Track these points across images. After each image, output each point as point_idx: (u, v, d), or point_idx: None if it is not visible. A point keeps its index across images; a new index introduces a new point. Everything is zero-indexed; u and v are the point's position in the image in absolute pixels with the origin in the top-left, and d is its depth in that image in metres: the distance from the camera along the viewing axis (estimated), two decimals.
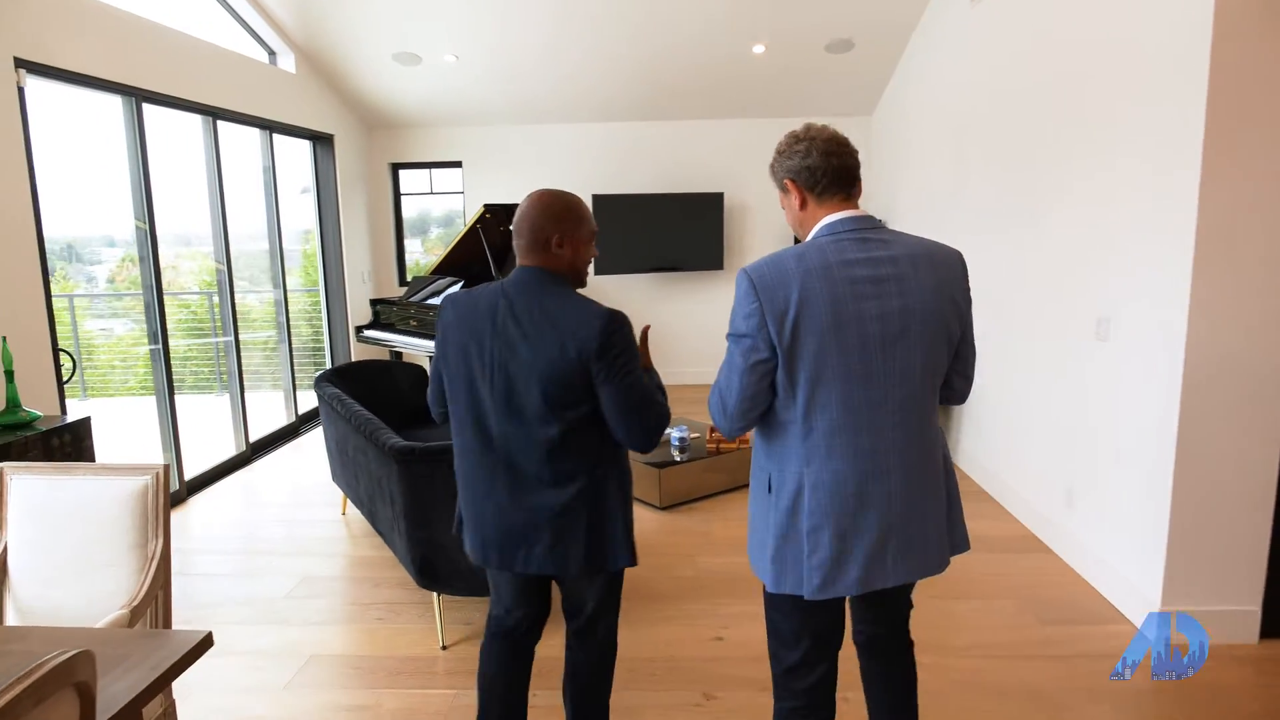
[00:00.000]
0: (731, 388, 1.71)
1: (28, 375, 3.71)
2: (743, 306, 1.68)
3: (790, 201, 1.82)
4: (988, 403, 4.74)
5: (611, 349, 1.85)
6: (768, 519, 1.76)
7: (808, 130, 1.80)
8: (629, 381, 1.87)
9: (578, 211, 1.98)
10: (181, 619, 3.41)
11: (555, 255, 1.94)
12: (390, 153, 7.69)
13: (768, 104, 7.12)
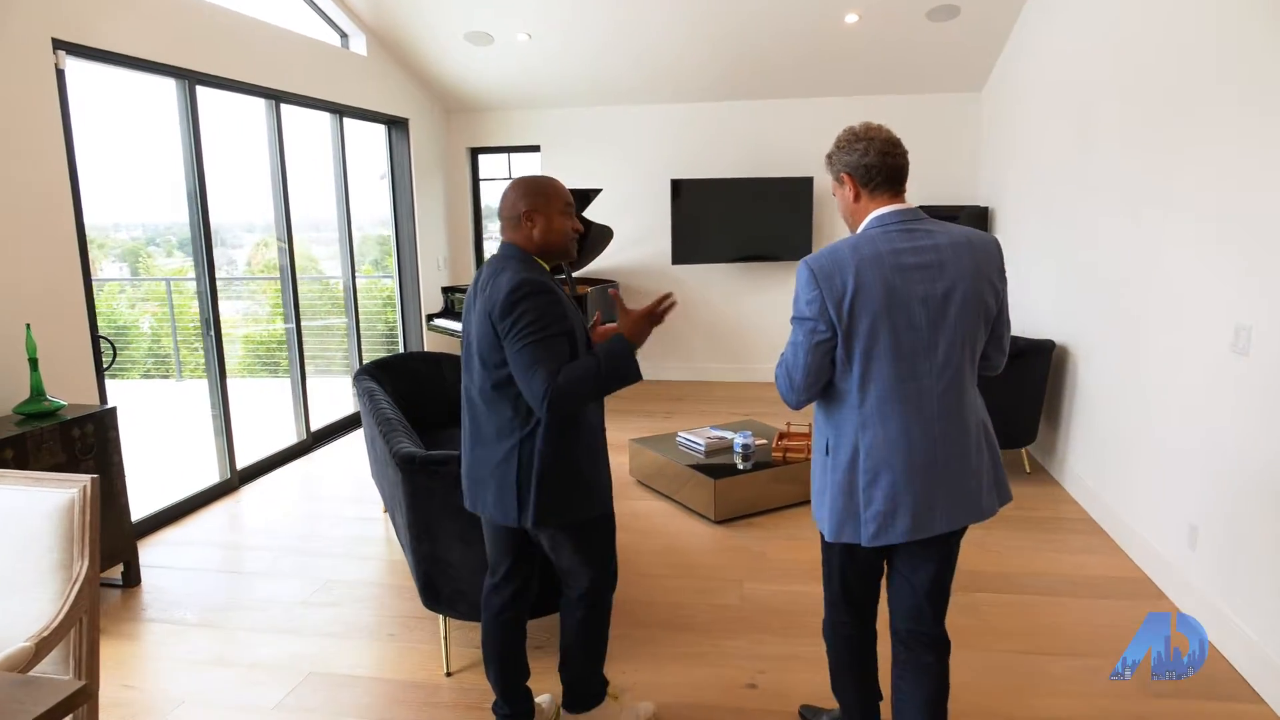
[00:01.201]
0: (798, 365, 1.92)
1: (64, 363, 3.65)
2: (805, 293, 1.89)
3: (844, 193, 2.02)
4: (1101, 416, 4.11)
5: (510, 313, 2.02)
6: (826, 477, 1.99)
7: (866, 130, 2.00)
8: (518, 346, 2.02)
9: (547, 189, 2.17)
10: (195, 619, 3.28)
11: (526, 230, 2.15)
12: (468, 137, 7.52)
13: (863, 80, 6.54)
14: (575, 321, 2.14)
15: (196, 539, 4.10)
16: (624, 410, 6.43)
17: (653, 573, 3.61)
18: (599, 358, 2.07)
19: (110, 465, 3.45)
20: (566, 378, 2.01)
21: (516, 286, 2.02)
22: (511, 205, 2.14)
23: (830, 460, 1.97)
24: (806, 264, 1.89)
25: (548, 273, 2.16)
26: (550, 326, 2.02)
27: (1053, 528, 4.03)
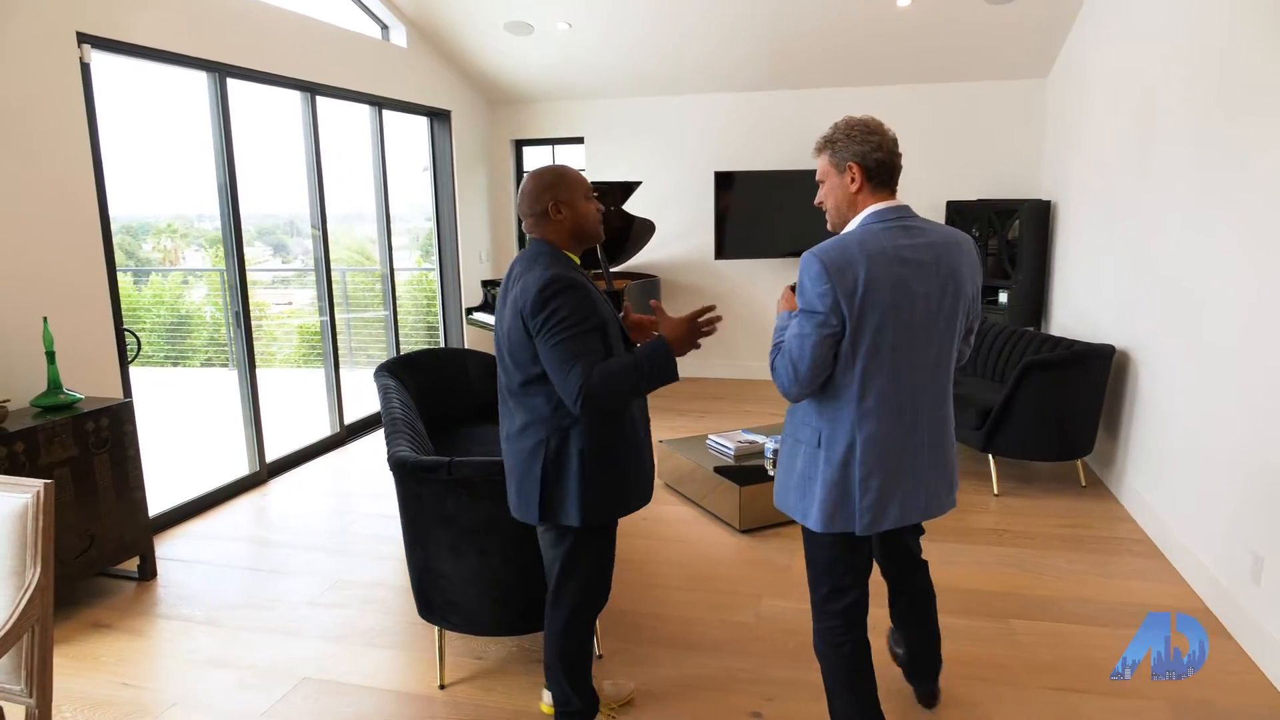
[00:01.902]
0: (804, 358, 1.89)
1: (87, 356, 3.67)
2: (816, 286, 1.87)
3: (842, 182, 2.00)
4: (1163, 428, 3.79)
5: (542, 310, 1.98)
6: (816, 470, 2.00)
7: (879, 126, 2.01)
8: (552, 343, 1.98)
9: (568, 178, 2.14)
10: (202, 616, 3.25)
11: (557, 222, 2.12)
12: (512, 129, 7.44)
13: (917, 68, 6.23)
14: (608, 316, 2.10)
15: (218, 532, 4.10)
16: (658, 407, 6.27)
17: (667, 583, 3.45)
18: (638, 357, 2.02)
19: (126, 459, 3.45)
20: (602, 374, 1.96)
21: (547, 283, 1.98)
22: (535, 199, 2.10)
23: (824, 453, 1.98)
24: (816, 257, 1.86)
25: (578, 267, 2.13)
26: (584, 322, 1.98)
27: (1105, 548, 3.73)
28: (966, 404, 4.46)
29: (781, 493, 2.13)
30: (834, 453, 1.96)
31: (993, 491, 4.40)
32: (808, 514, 2.03)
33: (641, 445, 2.23)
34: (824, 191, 2.05)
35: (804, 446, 2.02)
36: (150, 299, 9.96)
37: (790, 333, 1.93)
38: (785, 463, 2.11)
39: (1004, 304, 6.01)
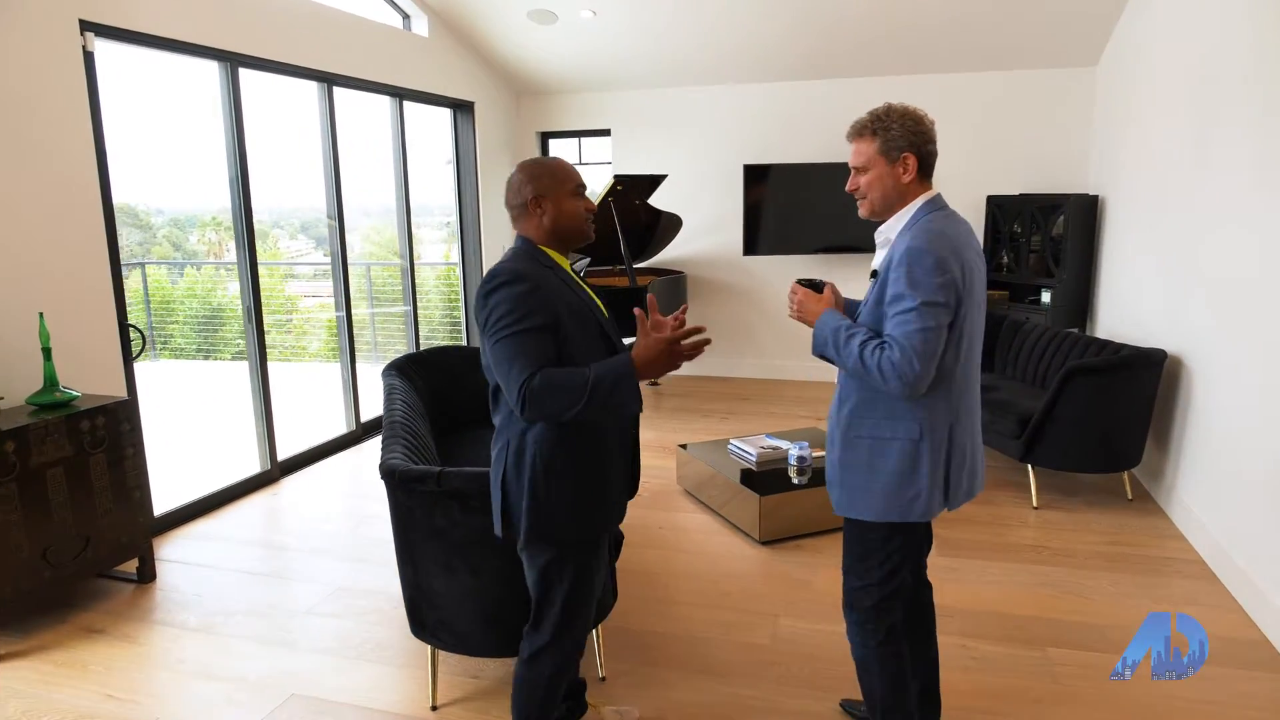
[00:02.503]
0: (928, 351, 1.82)
1: (90, 352, 3.59)
2: (933, 277, 1.82)
3: (894, 171, 1.95)
4: (1218, 439, 3.52)
5: (484, 307, 1.86)
6: (919, 463, 1.95)
7: (927, 117, 2.00)
8: (492, 342, 1.84)
9: (555, 171, 1.98)
10: (196, 623, 3.15)
11: (535, 218, 1.96)
12: (538, 121, 7.29)
13: (958, 56, 5.94)
14: (567, 314, 1.86)
15: (224, 533, 4.00)
16: (679, 408, 6.09)
17: (679, 599, 3.27)
18: (593, 372, 1.79)
19: (123, 459, 3.35)
20: (545, 383, 1.78)
21: (489, 276, 1.85)
22: (516, 193, 1.95)
23: (927, 444, 1.94)
24: (929, 250, 1.83)
25: (555, 265, 1.95)
26: (524, 319, 1.80)
27: (1153, 568, 3.47)
28: (1005, 410, 4.20)
29: (858, 497, 2.01)
30: (937, 441, 1.94)
31: (1031, 504, 4.14)
32: (909, 510, 1.97)
33: (607, 459, 1.98)
34: (869, 179, 1.97)
35: (897, 443, 1.95)
36: (184, 292, 10.02)
37: (906, 327, 1.82)
38: (863, 466, 1.99)
39: (1046, 304, 5.72)
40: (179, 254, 10.57)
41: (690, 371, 7.12)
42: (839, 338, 1.92)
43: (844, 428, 2.01)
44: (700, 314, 7.00)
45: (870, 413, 1.97)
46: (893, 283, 1.84)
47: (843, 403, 2.04)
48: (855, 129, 1.99)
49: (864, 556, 2.09)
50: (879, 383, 1.85)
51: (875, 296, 1.94)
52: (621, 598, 3.22)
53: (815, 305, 2.03)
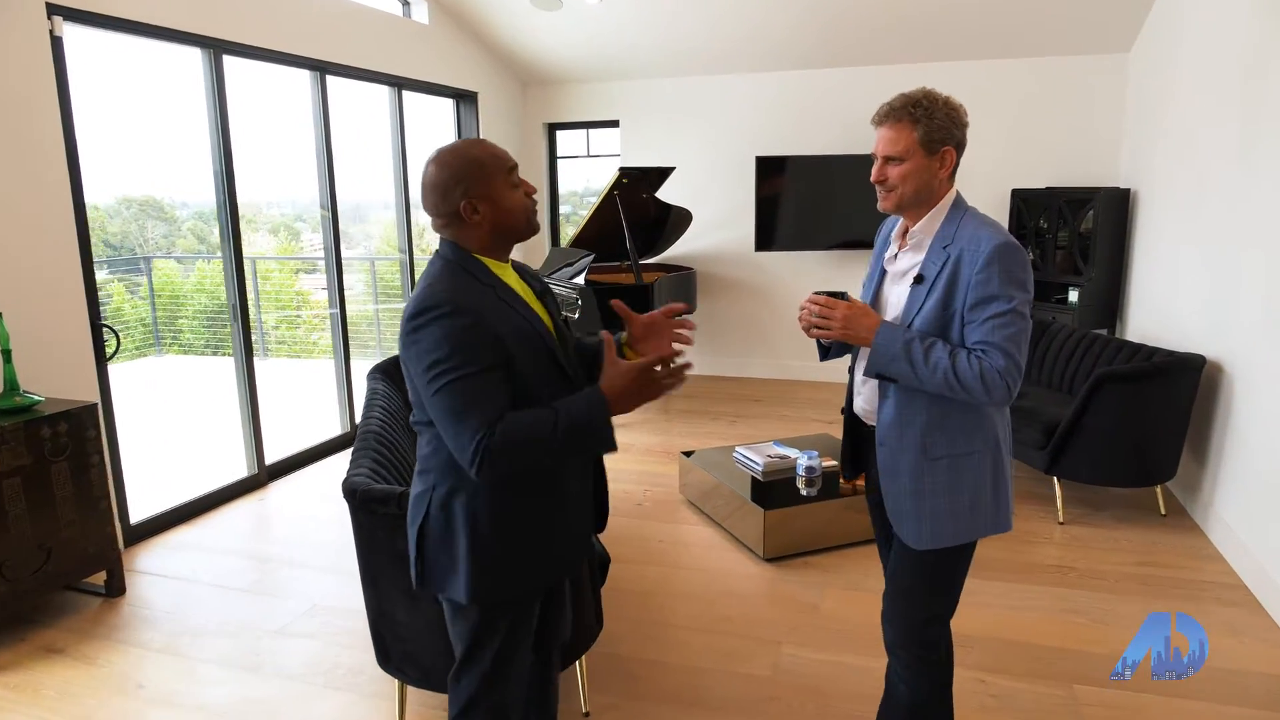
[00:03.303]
0: (1024, 356, 1.72)
1: (59, 353, 3.41)
2: (1023, 271, 1.71)
3: (932, 165, 1.80)
4: (1261, 451, 3.24)
5: (411, 345, 1.54)
6: (1001, 473, 1.85)
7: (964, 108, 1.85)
8: (432, 391, 1.52)
9: (481, 161, 1.60)
10: (161, 643, 2.96)
11: (473, 224, 1.61)
12: (545, 111, 7.06)
13: (983, 42, 5.65)
14: (522, 341, 1.57)
15: (203, 542, 3.83)
16: (687, 410, 5.86)
17: (675, 622, 3.05)
18: (559, 415, 1.52)
19: (89, 466, 3.17)
20: (507, 436, 1.49)
21: (416, 312, 1.52)
22: (443, 196, 1.59)
23: (1005, 451, 1.87)
24: (1012, 244, 1.71)
25: (495, 280, 1.61)
26: (472, 361, 1.49)
27: (1190, 592, 3.21)
28: (1030, 419, 3.94)
29: (943, 523, 1.82)
30: (1007, 446, 1.88)
31: (1057, 519, 3.88)
32: (999, 521, 1.88)
33: (568, 500, 1.71)
34: (903, 171, 1.78)
35: (976, 456, 1.82)
36: (193, 286, 9.91)
37: (1007, 330, 1.69)
38: (943, 488, 1.82)
39: (1074, 303, 5.42)
40: (203, 247, 10.51)
41: (700, 371, 6.89)
42: (914, 350, 1.72)
43: (917, 452, 1.81)
44: (710, 312, 6.76)
45: (946, 428, 1.81)
46: (980, 284, 1.69)
47: (906, 425, 1.82)
48: (890, 113, 1.78)
49: (937, 588, 1.92)
50: (975, 395, 1.70)
51: (938, 302, 1.75)
52: (612, 620, 3.00)
53: (865, 319, 1.79)
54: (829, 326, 1.80)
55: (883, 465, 1.87)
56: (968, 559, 1.91)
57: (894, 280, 1.90)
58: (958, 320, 1.73)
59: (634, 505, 4.16)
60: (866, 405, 1.96)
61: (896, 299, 1.86)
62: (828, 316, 1.80)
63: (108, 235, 9.83)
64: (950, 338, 1.75)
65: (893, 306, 1.87)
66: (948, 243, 1.76)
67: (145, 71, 3.52)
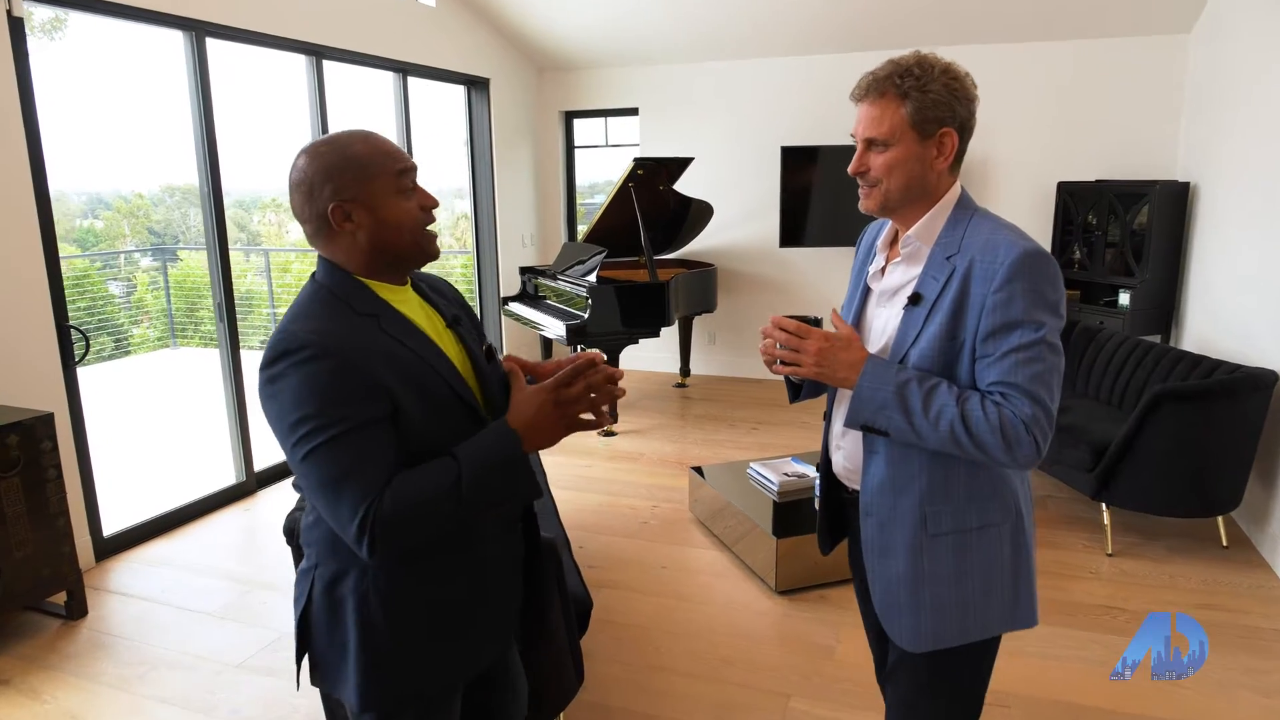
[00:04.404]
0: (1055, 398, 1.32)
1: (22, 357, 3.19)
2: (1056, 288, 1.34)
3: (926, 152, 1.40)
4: None
5: (268, 400, 1.22)
6: (1020, 551, 1.48)
7: (970, 77, 1.43)
8: (298, 456, 1.20)
9: (360, 159, 1.26)
10: (112, 677, 2.72)
11: (349, 236, 1.28)
12: (561, 99, 6.76)
13: (1027, 23, 5.23)
14: (411, 382, 1.25)
15: (180, 558, 3.60)
16: (705, 415, 5.53)
17: (673, 665, 2.74)
18: (460, 464, 1.22)
19: (45, 481, 2.94)
20: (398, 502, 1.18)
21: (271, 358, 1.20)
22: (307, 196, 1.26)
23: (1027, 524, 1.49)
24: (1040, 252, 1.33)
25: (379, 307, 1.29)
26: (344, 417, 1.18)
27: (1260, 644, 2.83)
28: (1076, 437, 3.56)
29: (948, 618, 1.45)
30: (1029, 514, 1.51)
31: (1105, 550, 3.50)
32: (1022, 614, 1.50)
33: (486, 570, 1.38)
34: (888, 160, 1.40)
35: (992, 530, 1.45)
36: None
37: (1035, 367, 1.31)
38: (949, 574, 1.44)
39: (1124, 307, 5.00)
40: (242, 235, 10.41)
41: (720, 373, 6.57)
42: (911, 395, 1.33)
43: (915, 526, 1.43)
44: (732, 310, 6.42)
45: (951, 495, 1.43)
46: (999, 305, 1.31)
47: (901, 491, 1.44)
48: (873, 84, 1.42)
49: (951, 705, 1.53)
50: (993, 454, 1.31)
51: (942, 330, 1.36)
52: (603, 661, 2.71)
53: (845, 353, 1.40)
54: (798, 362, 1.41)
55: (869, 542, 1.50)
56: (989, 659, 1.53)
57: (881, 300, 1.51)
58: (967, 353, 1.36)
59: (639, 524, 3.86)
60: (848, 464, 1.56)
61: (884, 325, 1.47)
62: (797, 349, 1.41)
63: (152, 223, 9.79)
64: (957, 377, 1.37)
65: (879, 335, 1.48)
66: (952, 251, 1.38)
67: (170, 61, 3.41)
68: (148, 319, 9.18)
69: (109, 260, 9.24)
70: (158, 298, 9.09)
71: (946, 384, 1.35)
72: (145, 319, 9.17)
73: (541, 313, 5.55)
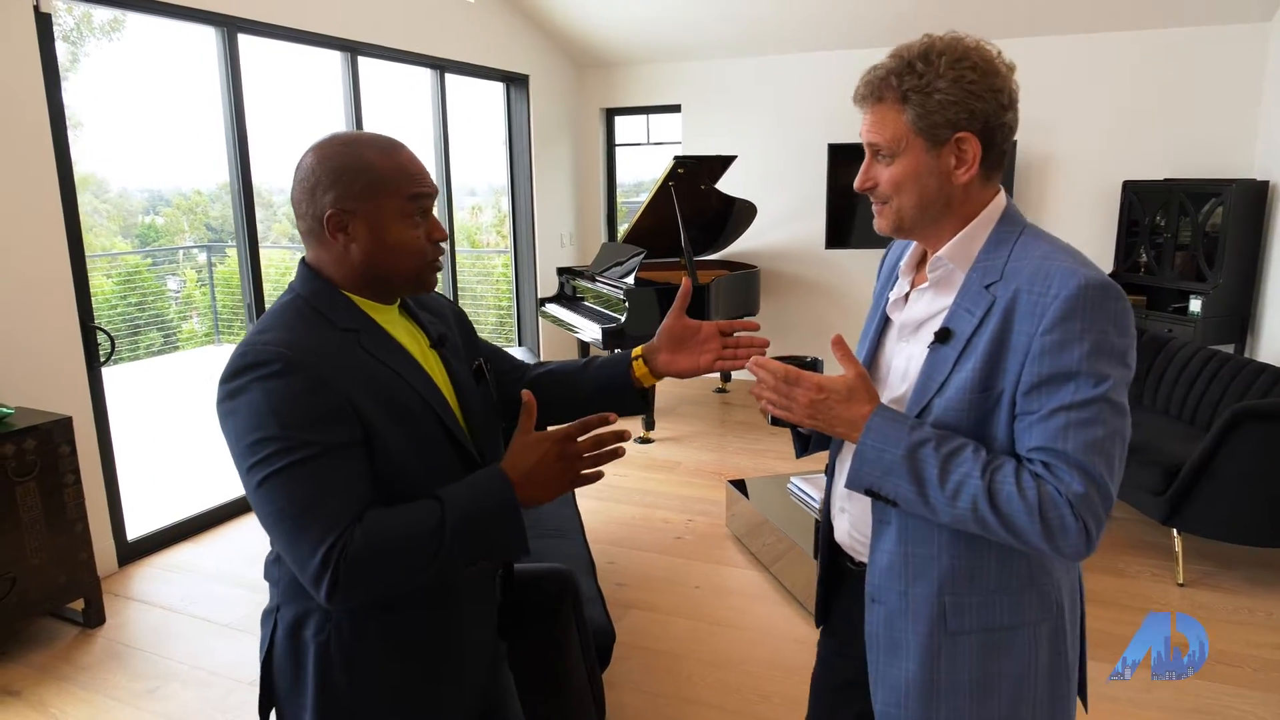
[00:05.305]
0: (1114, 481, 1.05)
1: (46, 358, 3.14)
2: (1125, 332, 1.06)
3: (941, 162, 1.13)
4: None
5: (226, 417, 1.09)
6: (1060, 645, 1.19)
7: (997, 61, 1.15)
8: (253, 482, 1.06)
9: (372, 166, 1.13)
10: (120, 691, 2.64)
11: (339, 245, 1.15)
12: (602, 96, 6.61)
13: (1091, 12, 4.93)
14: (392, 407, 1.13)
15: (201, 564, 3.53)
16: (746, 422, 5.34)
17: (702, 699, 2.57)
18: (444, 509, 1.07)
19: (62, 488, 2.88)
20: (370, 544, 1.04)
21: (233, 370, 1.08)
22: (308, 195, 1.15)
23: (1049, 633, 1.19)
24: (1106, 284, 1.06)
25: (362, 322, 1.17)
26: (308, 441, 1.05)
27: None
28: (1144, 456, 3.30)
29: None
30: (1074, 608, 1.24)
31: (1176, 579, 3.24)
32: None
33: (460, 626, 1.25)
34: (895, 175, 1.15)
35: (1026, 631, 1.17)
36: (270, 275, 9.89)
37: (1092, 434, 1.04)
38: (972, 682, 1.17)
39: (1195, 314, 4.69)
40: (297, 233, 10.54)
41: None
42: (925, 460, 1.08)
43: (930, 620, 1.17)
44: (776, 313, 6.21)
45: (976, 585, 1.16)
46: (1050, 350, 1.05)
47: (917, 574, 1.18)
48: (868, 87, 1.17)
49: None
50: (1029, 541, 1.06)
51: (975, 376, 1.11)
52: (628, 691, 2.55)
53: (845, 407, 1.14)
54: (789, 409, 1.18)
55: (874, 637, 1.23)
56: None
57: (903, 334, 1.26)
58: (1005, 408, 1.10)
59: (673, 539, 3.69)
60: (855, 532, 1.30)
61: (906, 365, 1.22)
62: (787, 397, 1.17)
63: (209, 219, 9.94)
64: (991, 437, 1.11)
65: (900, 377, 1.23)
66: (993, 278, 1.12)
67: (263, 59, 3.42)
68: (196, 314, 9.30)
69: (168, 256, 9.39)
70: (205, 294, 9.19)
71: (973, 447, 1.09)
72: (194, 314, 9.29)
73: (578, 315, 5.41)
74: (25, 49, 3.01)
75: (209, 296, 9.16)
